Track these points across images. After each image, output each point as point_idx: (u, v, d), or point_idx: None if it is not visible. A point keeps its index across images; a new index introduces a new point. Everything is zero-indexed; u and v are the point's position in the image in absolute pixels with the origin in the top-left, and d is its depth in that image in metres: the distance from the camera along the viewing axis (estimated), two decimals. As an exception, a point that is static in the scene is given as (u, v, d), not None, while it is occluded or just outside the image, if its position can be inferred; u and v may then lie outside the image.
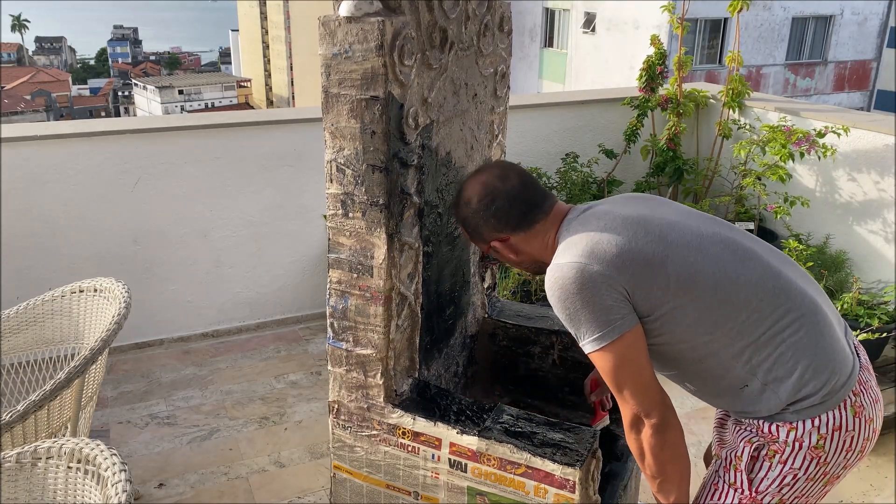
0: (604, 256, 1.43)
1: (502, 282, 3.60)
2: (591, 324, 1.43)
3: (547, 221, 1.58)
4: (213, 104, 50.01)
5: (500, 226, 1.58)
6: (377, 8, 1.49)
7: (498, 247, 1.62)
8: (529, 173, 1.63)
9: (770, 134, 3.59)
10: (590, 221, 1.52)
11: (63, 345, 2.42)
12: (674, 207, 1.61)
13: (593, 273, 1.42)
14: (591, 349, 1.45)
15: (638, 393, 1.46)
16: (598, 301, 1.42)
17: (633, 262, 1.43)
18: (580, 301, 1.42)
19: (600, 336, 1.43)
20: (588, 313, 1.42)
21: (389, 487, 1.80)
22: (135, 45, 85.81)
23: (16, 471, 1.58)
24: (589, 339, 1.44)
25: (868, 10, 19.44)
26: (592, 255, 1.44)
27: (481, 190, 1.57)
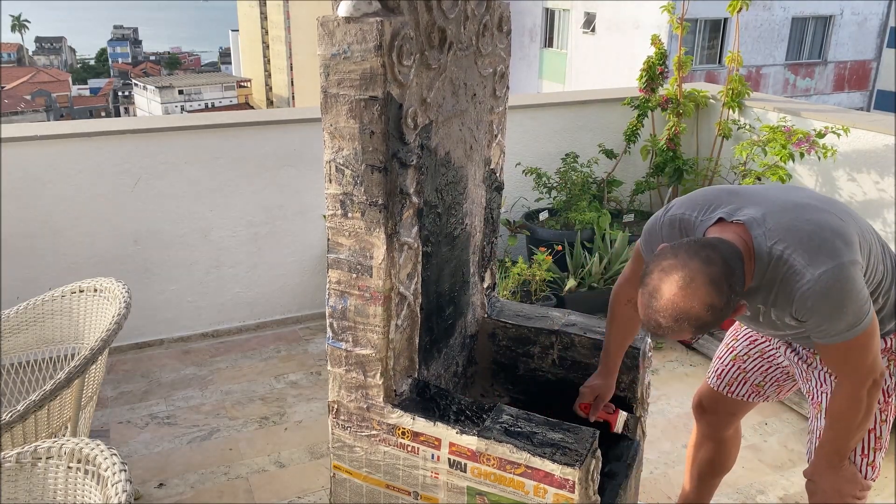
0: (853, 246, 1.54)
1: (502, 282, 3.60)
2: (858, 311, 1.52)
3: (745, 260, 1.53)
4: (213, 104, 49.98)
5: (740, 294, 1.50)
6: (376, 8, 1.50)
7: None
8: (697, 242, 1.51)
9: (770, 134, 3.59)
10: (795, 223, 1.55)
11: (63, 345, 2.43)
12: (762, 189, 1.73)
13: (858, 265, 1.53)
14: (853, 335, 1.54)
15: (878, 355, 1.61)
16: (861, 288, 1.53)
17: (861, 241, 1.58)
18: (854, 294, 1.51)
19: (866, 319, 1.53)
20: (856, 304, 1.52)
21: (389, 487, 1.80)
22: (135, 45, 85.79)
23: (16, 471, 1.58)
24: (852, 328, 1.53)
25: (868, 10, 19.44)
26: (849, 248, 1.53)
27: (711, 288, 1.42)
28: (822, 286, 1.49)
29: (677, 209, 1.70)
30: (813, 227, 1.54)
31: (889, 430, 1.80)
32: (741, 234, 1.55)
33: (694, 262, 1.43)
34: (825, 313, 1.52)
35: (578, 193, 4.02)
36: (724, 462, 2.25)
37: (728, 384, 2.08)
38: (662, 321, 1.45)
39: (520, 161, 4.03)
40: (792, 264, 1.51)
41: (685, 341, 3.63)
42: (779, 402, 3.09)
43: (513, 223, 4.07)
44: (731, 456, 2.25)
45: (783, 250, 1.52)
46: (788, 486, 2.66)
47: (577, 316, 2.21)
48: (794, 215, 1.57)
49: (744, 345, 2.05)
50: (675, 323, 1.44)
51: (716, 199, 1.65)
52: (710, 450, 2.22)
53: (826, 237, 1.53)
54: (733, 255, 1.47)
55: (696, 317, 1.42)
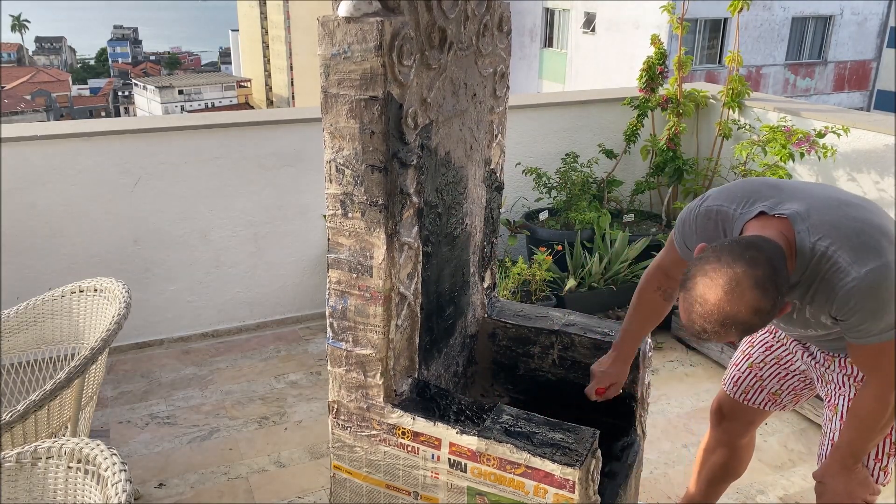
0: (894, 244, 1.50)
1: (502, 282, 3.60)
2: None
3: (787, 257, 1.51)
4: (213, 104, 49.97)
5: (785, 294, 1.47)
6: (376, 8, 1.50)
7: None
8: (740, 243, 1.47)
9: (770, 134, 3.58)
10: (840, 220, 1.52)
11: (63, 345, 2.43)
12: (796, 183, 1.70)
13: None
14: (889, 337, 1.51)
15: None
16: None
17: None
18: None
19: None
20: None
21: (389, 487, 1.80)
22: (135, 45, 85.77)
23: (16, 471, 1.58)
24: (889, 329, 1.50)
25: (868, 10, 19.44)
26: (892, 247, 1.49)
27: (757, 292, 1.39)
28: (867, 285, 1.46)
29: (714, 200, 1.66)
30: (859, 224, 1.51)
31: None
32: (783, 229, 1.51)
33: (738, 265, 1.40)
34: (867, 312, 1.49)
35: (578, 193, 4.02)
36: (737, 468, 2.23)
37: (744, 392, 2.06)
38: (708, 326, 1.43)
39: (520, 161, 4.03)
40: (836, 261, 1.48)
41: (690, 343, 3.63)
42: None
43: (513, 223, 4.07)
44: (743, 463, 2.23)
45: (828, 247, 1.49)
46: (788, 486, 2.66)
47: (577, 316, 2.21)
48: (838, 212, 1.54)
49: (759, 352, 2.03)
50: (722, 328, 1.42)
51: (756, 192, 1.61)
52: (723, 456, 2.19)
53: (873, 235, 1.50)
54: (778, 254, 1.44)
55: (744, 321, 1.40)
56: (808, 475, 2.73)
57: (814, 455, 2.83)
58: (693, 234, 1.67)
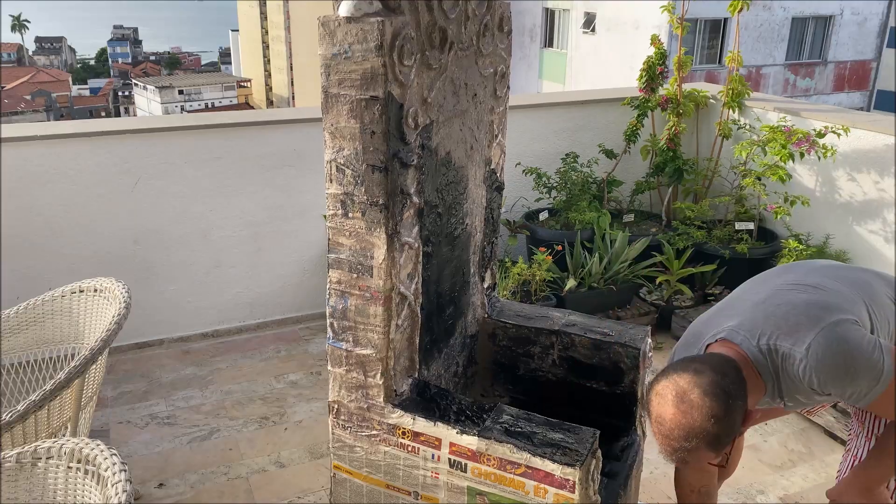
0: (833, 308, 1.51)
1: (502, 282, 3.60)
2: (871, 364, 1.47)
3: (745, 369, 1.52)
4: (213, 104, 49.96)
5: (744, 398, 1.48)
6: (377, 8, 1.49)
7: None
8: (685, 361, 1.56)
9: (770, 134, 3.59)
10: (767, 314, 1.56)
11: (63, 345, 2.42)
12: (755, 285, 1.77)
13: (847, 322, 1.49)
14: (885, 386, 1.48)
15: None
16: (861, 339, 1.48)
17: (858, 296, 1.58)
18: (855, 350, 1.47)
19: (885, 366, 1.48)
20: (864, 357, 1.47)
21: (389, 487, 1.80)
22: (135, 45, 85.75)
23: (16, 471, 1.58)
24: (879, 379, 1.48)
25: (868, 10, 19.44)
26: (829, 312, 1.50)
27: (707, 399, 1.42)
28: (816, 359, 1.47)
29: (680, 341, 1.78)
30: (786, 308, 1.55)
31: None
32: (729, 348, 1.57)
33: (683, 378, 1.44)
34: (838, 379, 1.50)
35: (578, 193, 4.02)
36: (728, 467, 2.24)
37: None
38: (676, 444, 1.45)
39: (520, 161, 4.03)
40: (782, 351, 1.51)
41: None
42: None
43: (513, 223, 4.06)
44: (733, 462, 2.24)
45: (768, 341, 1.52)
46: (788, 486, 2.66)
47: (577, 316, 2.21)
48: (765, 306, 1.58)
49: None
50: (687, 443, 1.43)
51: (700, 331, 1.70)
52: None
53: (800, 311, 1.53)
54: (724, 364, 1.47)
55: (703, 430, 1.41)
56: (808, 475, 2.73)
57: (814, 455, 2.83)
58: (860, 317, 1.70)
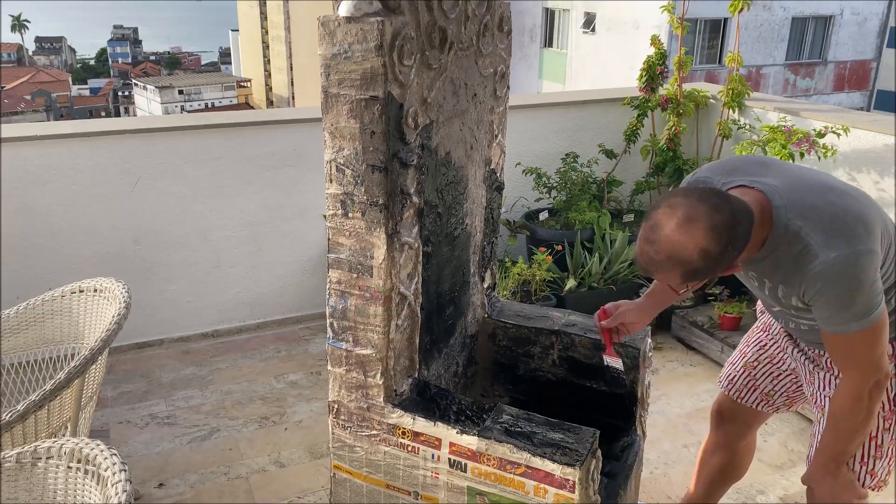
0: (874, 236, 1.49)
1: (502, 282, 3.60)
2: (868, 302, 1.49)
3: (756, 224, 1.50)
4: (213, 104, 49.97)
5: (739, 251, 1.47)
6: (376, 8, 1.49)
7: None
8: (711, 190, 1.49)
9: (770, 134, 3.58)
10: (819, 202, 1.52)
11: (63, 345, 2.42)
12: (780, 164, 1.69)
13: (876, 255, 1.48)
14: (860, 327, 1.50)
15: (885, 353, 1.58)
16: (875, 280, 1.48)
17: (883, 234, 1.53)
18: (866, 284, 1.47)
19: (875, 313, 1.49)
20: (866, 294, 1.48)
21: (389, 487, 1.80)
22: (135, 45, 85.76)
23: (16, 471, 1.58)
24: (861, 319, 1.49)
25: (868, 10, 19.44)
26: (869, 237, 1.48)
27: (710, 233, 1.40)
28: (834, 270, 1.46)
29: (702, 172, 1.68)
30: (836, 209, 1.51)
31: (892, 440, 1.77)
32: (760, 200, 1.52)
33: (701, 205, 1.41)
34: (833, 298, 1.49)
35: (578, 193, 4.02)
36: (737, 471, 2.23)
37: (738, 390, 2.06)
38: (654, 255, 1.44)
39: (520, 161, 4.03)
40: (808, 242, 1.48)
41: (690, 343, 3.63)
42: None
43: (513, 223, 4.06)
44: (744, 465, 2.23)
45: (801, 227, 1.49)
46: (788, 486, 2.66)
47: (577, 316, 2.21)
48: (819, 194, 1.54)
49: (754, 350, 2.04)
50: (668, 259, 1.43)
51: (742, 166, 1.63)
52: (723, 458, 2.19)
53: (847, 222, 1.49)
54: (744, 211, 1.44)
55: (687, 258, 1.41)
56: (808, 475, 2.73)
57: (814, 455, 2.83)
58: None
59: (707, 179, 1.64)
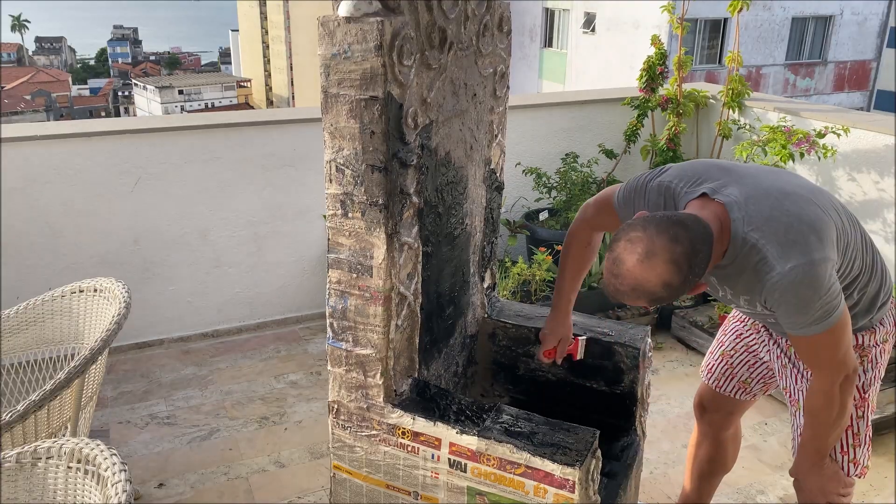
0: (827, 242, 1.54)
1: (502, 282, 3.60)
2: (826, 306, 1.53)
3: (715, 239, 1.53)
4: (213, 104, 49.96)
5: (700, 276, 1.50)
6: (376, 8, 1.49)
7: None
8: (669, 218, 1.51)
9: (770, 134, 3.58)
10: (774, 213, 1.56)
11: (63, 345, 2.42)
12: (747, 168, 1.73)
13: (830, 262, 1.53)
14: (822, 329, 1.55)
15: (850, 350, 1.63)
16: (831, 284, 1.53)
17: (839, 234, 1.59)
18: (822, 291, 1.52)
19: (835, 314, 1.54)
20: (824, 299, 1.53)
21: (389, 487, 1.80)
22: (135, 45, 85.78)
23: (16, 471, 1.58)
24: (821, 322, 1.54)
25: (868, 10, 19.44)
26: (822, 245, 1.53)
27: (671, 266, 1.44)
28: (790, 280, 1.51)
29: (668, 176, 1.71)
30: (791, 219, 1.55)
31: (868, 426, 1.83)
32: (720, 213, 1.57)
33: (660, 239, 1.45)
34: (792, 306, 1.55)
35: (578, 193, 4.02)
36: (724, 462, 2.26)
37: (717, 379, 2.11)
38: (620, 288, 1.49)
39: (520, 161, 4.03)
40: (764, 255, 1.53)
41: (690, 343, 3.63)
42: (779, 402, 3.09)
43: (513, 223, 4.07)
44: (730, 456, 2.27)
45: (758, 239, 1.54)
46: (788, 486, 2.66)
47: (577, 316, 2.21)
48: (775, 204, 1.58)
49: (731, 339, 2.08)
50: (632, 292, 1.48)
51: (705, 173, 1.67)
52: (709, 449, 2.23)
53: (802, 231, 1.54)
54: (703, 236, 1.49)
55: (651, 291, 1.46)
56: (808, 475, 2.73)
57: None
58: (642, 203, 1.72)
59: (671, 185, 1.68)
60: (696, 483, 2.29)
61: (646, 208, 1.69)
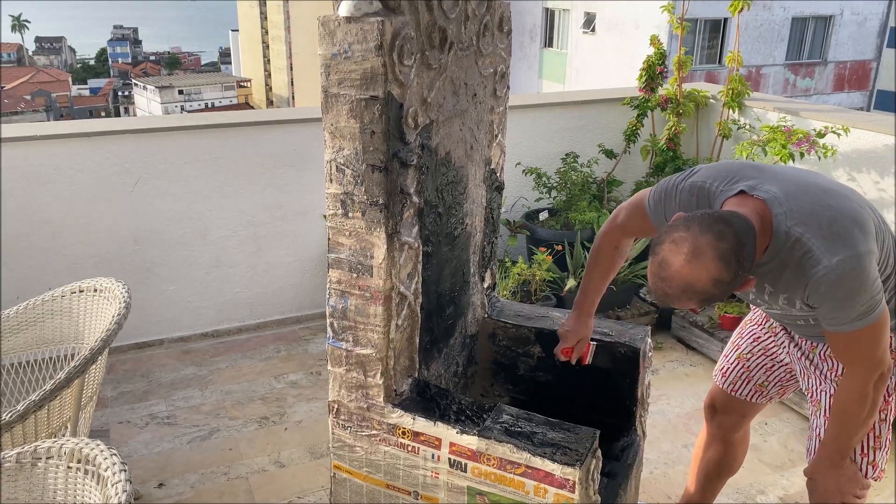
0: (870, 236, 1.54)
1: (502, 282, 3.60)
2: (871, 301, 1.53)
3: (757, 235, 1.52)
4: (213, 104, 49.96)
5: (749, 270, 1.49)
6: (376, 8, 1.50)
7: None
8: (711, 216, 1.49)
9: (770, 134, 3.58)
10: (816, 208, 1.55)
11: (63, 345, 2.42)
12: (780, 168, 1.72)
13: (874, 255, 1.53)
14: (865, 325, 1.54)
15: (887, 348, 1.62)
16: (875, 278, 1.53)
17: (877, 231, 1.59)
18: (868, 284, 1.51)
19: (878, 310, 1.54)
20: (869, 293, 1.52)
21: (389, 487, 1.80)
22: (135, 45, 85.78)
23: (16, 471, 1.58)
24: (864, 317, 1.54)
25: (868, 10, 19.44)
26: (866, 238, 1.53)
27: (720, 263, 1.42)
28: (837, 274, 1.49)
29: (700, 177, 1.69)
30: (833, 213, 1.54)
31: (889, 430, 1.81)
32: (760, 210, 1.54)
33: (705, 237, 1.43)
34: (837, 301, 1.52)
35: (578, 193, 4.02)
36: (731, 464, 2.25)
37: (732, 382, 2.09)
38: (669, 291, 1.47)
39: (520, 161, 4.03)
40: (809, 248, 1.51)
41: (690, 343, 3.63)
42: (779, 402, 3.09)
43: (513, 223, 4.06)
44: (738, 458, 2.25)
45: (802, 233, 1.52)
46: (788, 486, 2.66)
47: (578, 316, 2.21)
48: (815, 199, 1.56)
49: (748, 343, 2.06)
50: (683, 293, 1.46)
51: (739, 172, 1.65)
52: (718, 451, 2.22)
53: (846, 225, 1.52)
54: (746, 230, 1.46)
55: (702, 290, 1.44)
56: (808, 475, 2.73)
57: (814, 455, 2.83)
58: (674, 205, 1.70)
59: (705, 185, 1.66)
60: (702, 484, 2.28)
61: (678, 210, 1.67)
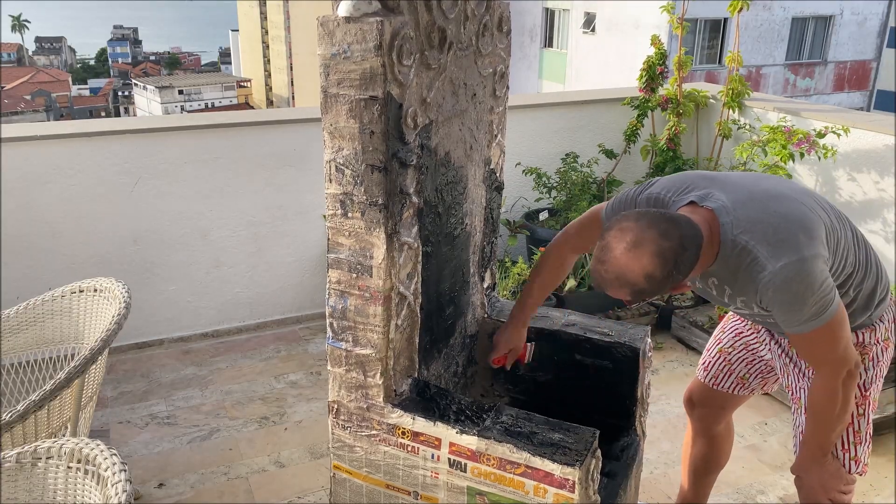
0: (817, 240, 1.57)
1: (502, 282, 3.60)
2: (821, 301, 1.55)
3: (705, 243, 1.56)
4: (213, 104, 49.97)
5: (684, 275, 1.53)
6: (376, 8, 1.50)
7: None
8: (664, 215, 1.54)
9: (770, 134, 3.58)
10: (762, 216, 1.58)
11: (63, 345, 2.42)
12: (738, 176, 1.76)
13: (821, 258, 1.56)
14: (819, 324, 1.57)
15: (849, 345, 1.65)
16: (824, 280, 1.55)
17: (828, 233, 1.61)
18: (815, 287, 1.54)
19: (830, 309, 1.56)
20: (817, 295, 1.54)
21: (389, 487, 1.80)
22: (135, 45, 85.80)
23: (16, 471, 1.58)
24: (817, 318, 1.56)
25: (868, 10, 19.44)
26: (812, 242, 1.55)
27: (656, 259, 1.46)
28: (781, 278, 1.53)
29: (656, 188, 1.74)
30: (779, 219, 1.58)
31: (869, 424, 1.84)
32: (709, 219, 1.59)
33: (651, 232, 1.48)
34: (786, 304, 1.56)
35: (578, 193, 4.02)
36: (718, 458, 2.27)
37: (714, 376, 2.12)
38: (605, 275, 1.52)
39: (520, 161, 4.03)
40: (755, 256, 1.55)
41: (690, 343, 3.63)
42: (779, 402, 3.09)
43: (513, 223, 4.07)
44: (723, 452, 2.28)
45: (748, 241, 1.56)
46: (788, 486, 2.66)
47: (577, 316, 2.21)
48: (762, 206, 1.61)
49: (729, 337, 2.09)
50: (615, 280, 1.51)
51: (691, 183, 1.70)
52: (702, 446, 2.24)
53: (791, 230, 1.56)
54: (693, 237, 1.51)
55: (633, 282, 1.49)
56: (808, 475, 2.73)
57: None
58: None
59: (660, 196, 1.71)
60: (693, 481, 2.31)
61: None
